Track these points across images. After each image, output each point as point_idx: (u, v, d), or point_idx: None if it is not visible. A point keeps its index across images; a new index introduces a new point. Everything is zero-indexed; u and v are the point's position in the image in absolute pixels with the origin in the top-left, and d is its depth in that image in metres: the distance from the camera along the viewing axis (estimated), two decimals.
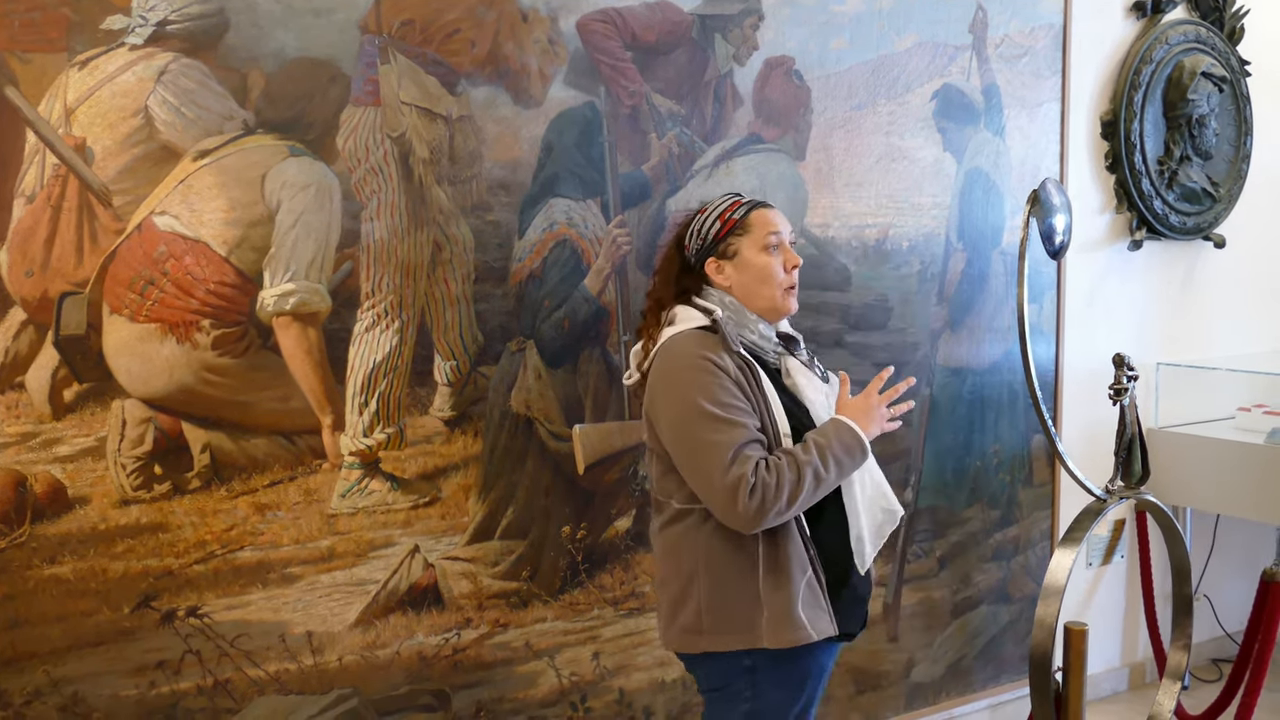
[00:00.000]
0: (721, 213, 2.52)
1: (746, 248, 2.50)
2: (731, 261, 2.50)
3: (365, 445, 2.94)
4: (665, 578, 2.52)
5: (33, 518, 2.58)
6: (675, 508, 2.47)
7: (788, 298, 2.54)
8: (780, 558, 2.38)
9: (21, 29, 2.49)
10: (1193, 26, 4.42)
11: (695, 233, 2.54)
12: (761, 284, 2.50)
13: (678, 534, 2.47)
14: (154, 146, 2.64)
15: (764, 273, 2.50)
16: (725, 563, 2.41)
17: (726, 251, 2.51)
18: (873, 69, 3.65)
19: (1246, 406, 4.47)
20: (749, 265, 2.49)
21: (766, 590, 2.38)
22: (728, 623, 2.41)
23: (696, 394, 2.34)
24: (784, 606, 2.37)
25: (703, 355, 2.37)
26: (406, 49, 2.90)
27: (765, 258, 2.49)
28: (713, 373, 2.36)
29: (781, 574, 2.38)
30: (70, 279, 2.59)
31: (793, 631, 2.37)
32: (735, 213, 2.52)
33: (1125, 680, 4.62)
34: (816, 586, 2.42)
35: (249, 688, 2.83)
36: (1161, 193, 4.38)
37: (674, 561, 2.48)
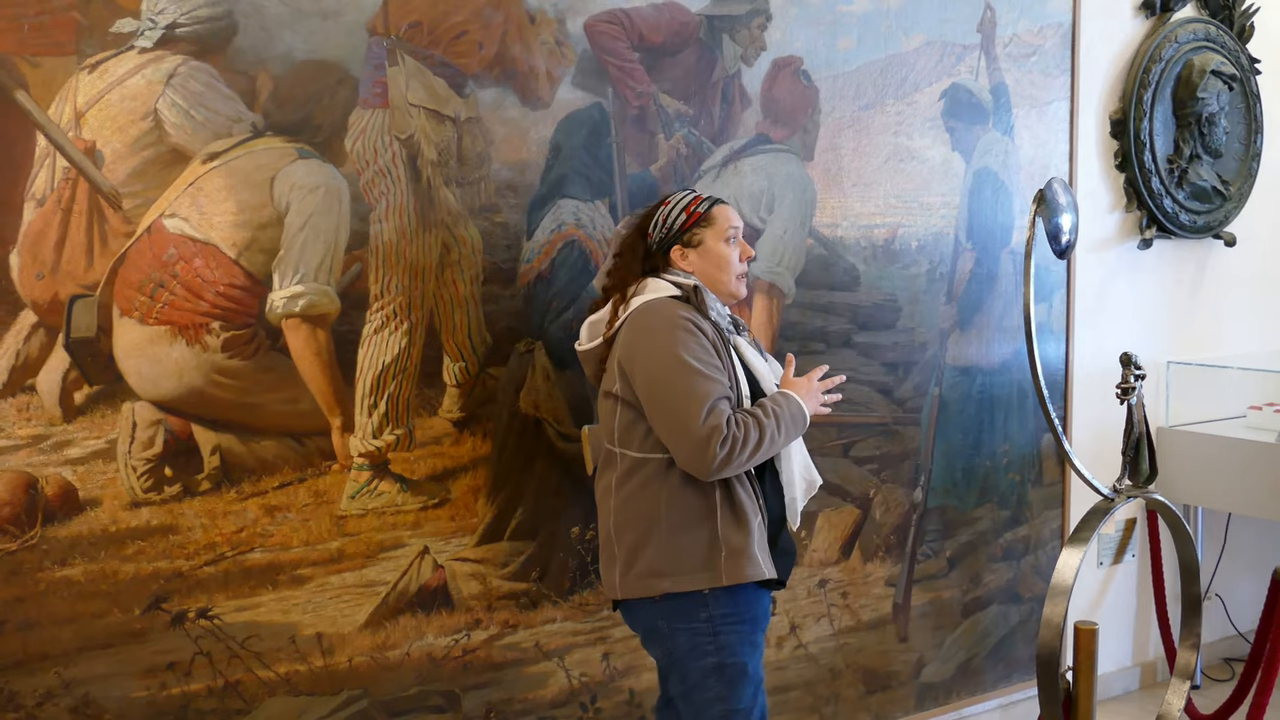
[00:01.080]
0: (686, 205, 2.79)
1: (710, 238, 2.78)
2: (695, 250, 2.79)
3: (374, 447, 2.94)
4: (620, 526, 2.71)
5: (44, 520, 2.59)
6: (632, 457, 2.69)
7: (740, 284, 2.83)
8: (738, 502, 2.65)
9: (31, 33, 2.50)
10: (1202, 24, 4.42)
11: (660, 223, 2.79)
12: (721, 271, 2.79)
13: (637, 484, 2.68)
14: (163, 149, 2.65)
15: (724, 261, 2.79)
16: (685, 508, 2.64)
17: (691, 240, 2.78)
18: (881, 69, 3.65)
19: (1258, 405, 4.46)
20: (711, 254, 2.79)
21: (726, 531, 2.64)
22: (689, 562, 2.63)
23: (678, 347, 2.59)
24: (742, 545, 2.64)
25: (683, 315, 2.64)
26: (414, 51, 2.91)
27: (725, 248, 2.79)
28: (692, 331, 2.62)
29: (741, 517, 2.65)
30: (80, 282, 2.60)
31: (751, 567, 2.64)
32: (699, 206, 2.79)
33: (1137, 680, 4.61)
34: (763, 534, 2.71)
35: (259, 689, 2.84)
36: (1171, 191, 4.37)
37: (632, 510, 2.69)
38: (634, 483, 2.68)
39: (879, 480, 3.80)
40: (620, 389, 2.68)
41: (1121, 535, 4.48)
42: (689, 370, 2.57)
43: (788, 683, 3.67)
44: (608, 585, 2.78)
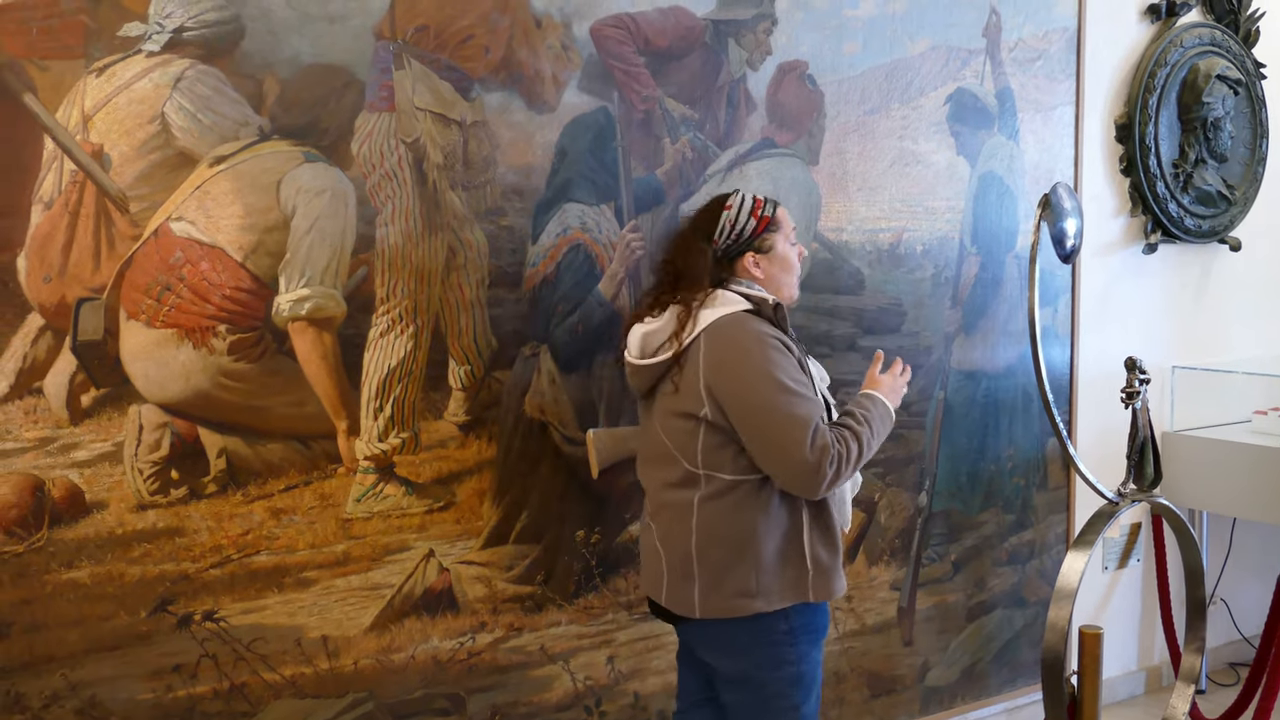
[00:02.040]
0: (753, 210, 2.72)
1: (779, 242, 2.74)
2: (766, 255, 2.73)
3: (380, 450, 2.95)
4: (704, 545, 2.62)
5: (50, 522, 2.59)
6: (725, 479, 2.60)
7: (797, 285, 2.82)
8: (826, 519, 2.64)
9: (39, 36, 2.51)
10: (1208, 29, 4.42)
11: (728, 229, 2.71)
12: (788, 274, 2.77)
13: (728, 505, 2.60)
14: (170, 152, 2.66)
15: (791, 265, 2.77)
16: (778, 527, 2.60)
17: (762, 246, 2.72)
18: (886, 73, 3.65)
19: (1262, 410, 4.46)
20: (780, 258, 2.74)
21: (815, 549, 2.62)
22: (779, 582, 2.60)
23: (773, 368, 2.53)
24: (831, 562, 2.64)
25: (769, 333, 2.59)
26: (421, 55, 2.92)
27: (792, 251, 2.78)
28: (782, 350, 2.57)
29: (829, 533, 2.65)
30: (87, 284, 2.61)
31: (837, 583, 2.66)
32: (766, 210, 2.73)
33: (1142, 684, 4.61)
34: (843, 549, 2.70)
35: (265, 691, 2.84)
36: (1176, 196, 4.37)
37: (721, 530, 2.61)
38: (724, 503, 2.60)
39: (884, 484, 3.80)
40: (709, 412, 2.58)
41: (1126, 540, 4.48)
42: (788, 392, 2.51)
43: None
44: (679, 603, 2.68)
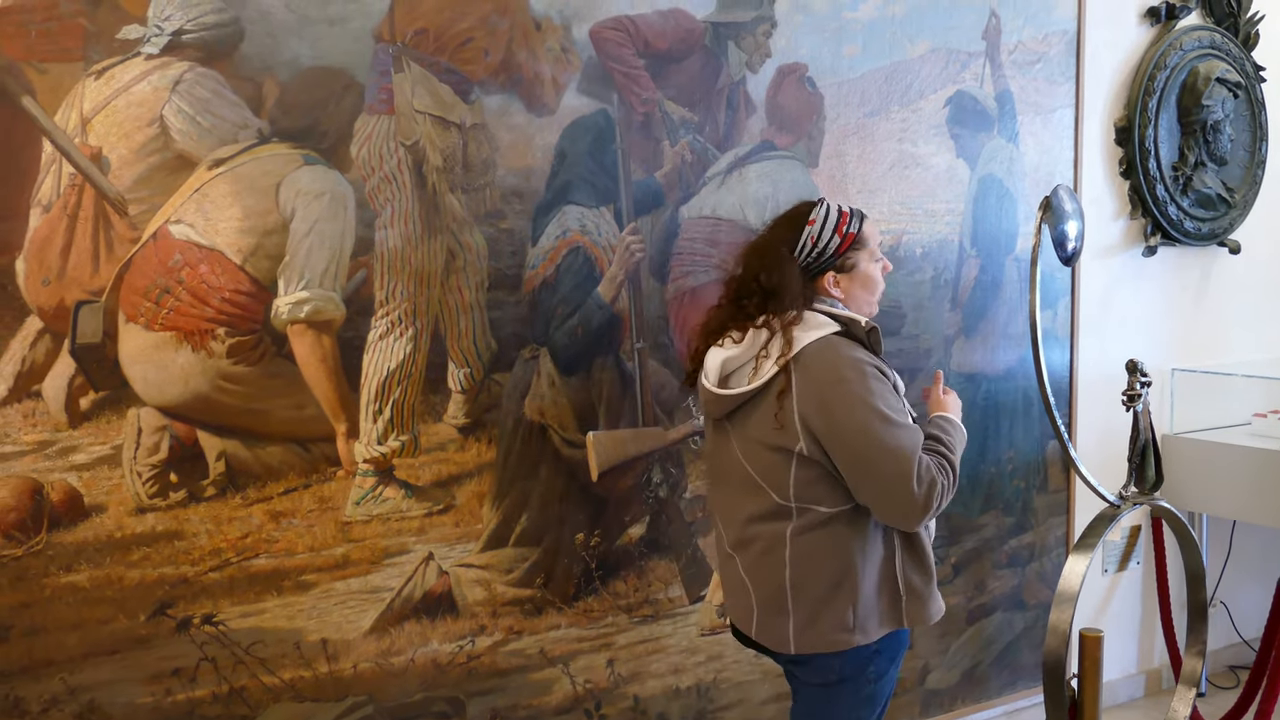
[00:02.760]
0: (837, 226, 2.54)
1: (863, 260, 2.58)
2: (849, 274, 2.57)
3: (379, 452, 2.94)
4: (799, 580, 2.50)
5: (49, 526, 2.59)
6: (822, 513, 2.47)
7: (876, 304, 2.66)
8: (919, 545, 2.53)
9: (38, 39, 2.51)
10: (1207, 32, 4.41)
11: (810, 245, 2.54)
12: (871, 294, 2.61)
13: (823, 537, 2.47)
14: (169, 155, 2.65)
15: (874, 284, 2.61)
16: (875, 557, 2.49)
17: (844, 265, 2.56)
18: (886, 76, 3.65)
19: (1262, 412, 4.46)
20: (864, 277, 2.59)
21: (909, 575, 2.52)
22: (876, 612, 2.50)
23: (872, 397, 2.39)
24: (924, 587, 2.53)
25: (865, 360, 2.44)
26: (420, 57, 2.91)
27: (876, 269, 2.61)
28: (878, 378, 2.43)
29: (922, 556, 2.54)
30: (86, 287, 2.60)
31: (934, 607, 2.55)
32: (851, 226, 2.56)
33: (1142, 687, 4.60)
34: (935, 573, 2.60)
35: (264, 695, 2.84)
36: (1176, 198, 4.37)
37: (818, 564, 2.48)
38: (819, 535, 2.47)
39: None
40: (804, 447, 2.43)
41: (1126, 542, 4.48)
42: (889, 423, 2.37)
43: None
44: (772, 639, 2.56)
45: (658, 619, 3.39)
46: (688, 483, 3.41)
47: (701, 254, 3.36)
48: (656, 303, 3.30)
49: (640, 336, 3.26)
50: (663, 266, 3.30)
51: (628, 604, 3.34)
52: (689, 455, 3.40)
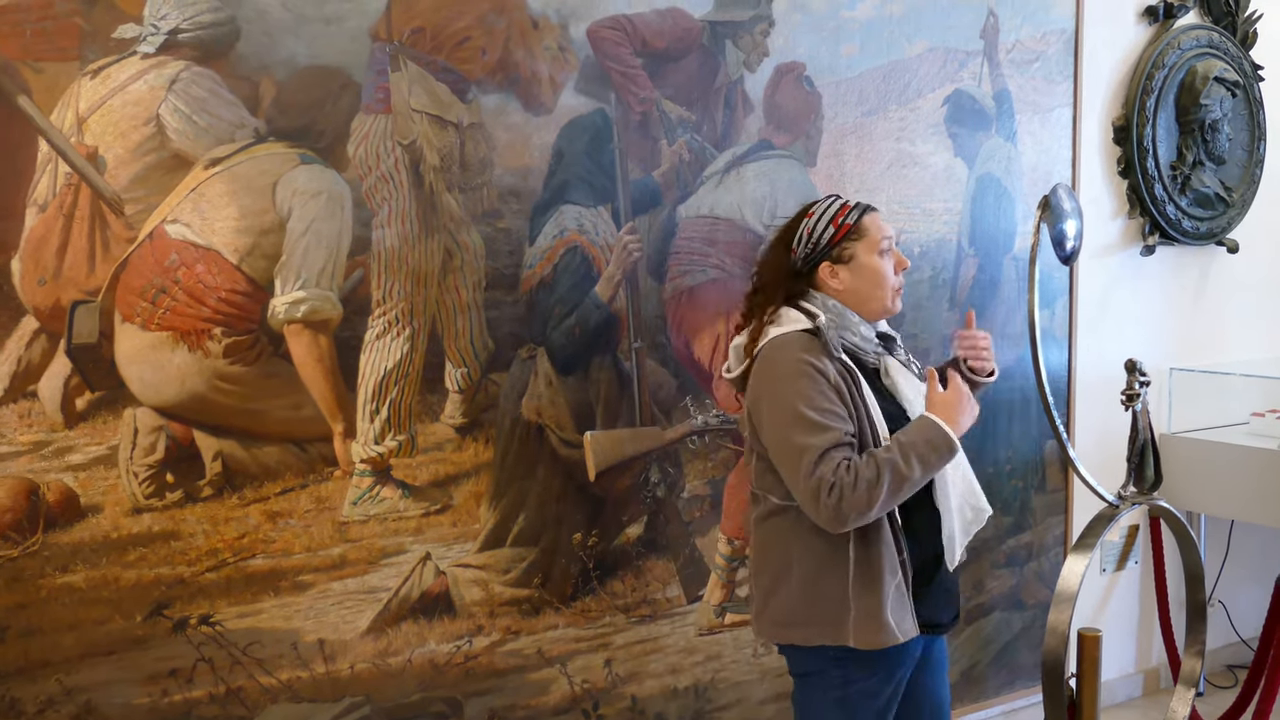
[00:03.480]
0: (834, 217, 2.52)
1: (862, 252, 2.51)
2: (846, 265, 2.52)
3: (376, 452, 2.94)
4: (758, 568, 2.57)
5: (45, 526, 2.58)
6: (774, 503, 2.50)
7: (896, 299, 2.56)
8: (873, 559, 2.41)
9: (34, 38, 2.50)
10: (1205, 31, 4.41)
11: (805, 237, 2.53)
12: (875, 287, 2.52)
13: (772, 528, 2.51)
14: (165, 155, 2.65)
15: (878, 276, 2.52)
16: (817, 561, 2.44)
17: (841, 256, 2.52)
18: (884, 75, 3.65)
19: (1260, 412, 4.46)
20: (865, 270, 2.51)
21: (856, 592, 2.41)
22: (816, 619, 2.45)
23: (795, 398, 2.36)
24: (872, 609, 2.40)
25: (804, 359, 2.39)
26: (417, 56, 2.91)
27: (880, 262, 2.52)
28: (812, 377, 2.38)
29: (872, 577, 2.41)
30: (82, 287, 2.60)
31: (880, 634, 2.40)
32: (848, 217, 2.52)
33: (1140, 686, 4.60)
34: (904, 589, 2.45)
35: (261, 695, 2.83)
36: (1174, 198, 4.36)
37: (767, 554, 2.53)
38: (770, 526, 2.51)
39: None
40: (749, 436, 2.53)
41: (1124, 542, 4.47)
42: (802, 422, 2.34)
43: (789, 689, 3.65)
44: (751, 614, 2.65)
45: (655, 619, 3.39)
46: (685, 482, 3.40)
47: (699, 253, 3.35)
48: (654, 302, 3.29)
49: (638, 336, 3.26)
50: (660, 266, 3.29)
51: (625, 604, 3.33)
52: (687, 455, 3.40)
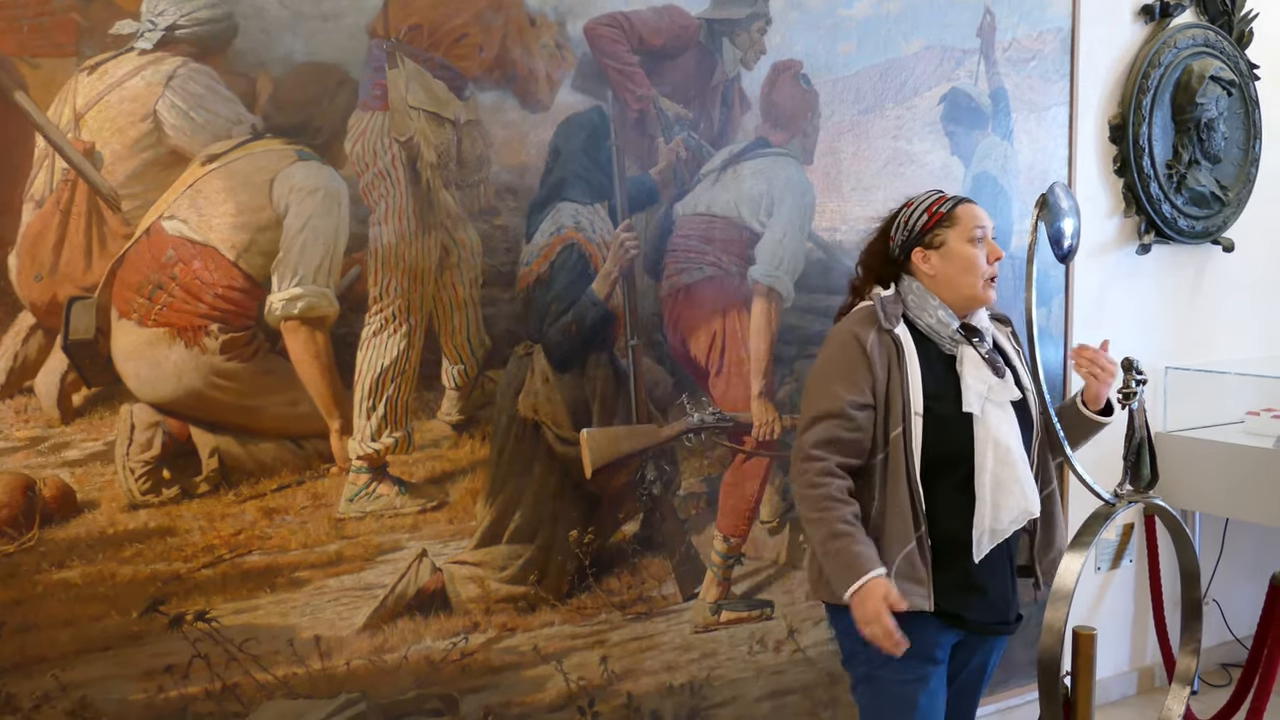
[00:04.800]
0: (929, 206, 2.64)
1: (954, 239, 2.60)
2: (938, 251, 2.61)
3: (373, 449, 2.94)
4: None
5: (41, 522, 2.58)
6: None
7: (988, 289, 2.63)
8: (883, 526, 2.51)
9: (31, 34, 2.50)
10: (1201, 30, 4.42)
11: (902, 225, 2.66)
12: (965, 273, 2.60)
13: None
14: (162, 151, 2.65)
15: (969, 263, 2.60)
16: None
17: (933, 242, 2.61)
18: (880, 73, 3.65)
19: (1255, 411, 4.46)
20: (955, 256, 2.60)
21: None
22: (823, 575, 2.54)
23: (824, 363, 2.59)
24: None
25: (850, 329, 2.57)
26: (414, 53, 2.91)
27: (971, 249, 2.60)
28: (845, 344, 2.55)
29: (884, 542, 2.49)
30: (79, 283, 2.60)
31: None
32: (943, 206, 2.63)
33: (1134, 685, 4.61)
34: (918, 560, 2.50)
35: (257, 692, 2.83)
36: (1170, 196, 4.37)
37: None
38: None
39: None
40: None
41: (1119, 540, 4.48)
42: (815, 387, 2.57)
43: (786, 687, 3.66)
44: None
45: (651, 616, 3.39)
46: (681, 480, 3.41)
47: (696, 251, 3.36)
48: (651, 300, 3.29)
49: (634, 333, 3.26)
50: (657, 263, 3.29)
51: (621, 601, 3.33)
52: (683, 453, 3.40)
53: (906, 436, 2.50)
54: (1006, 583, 2.65)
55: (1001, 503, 2.54)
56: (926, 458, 2.51)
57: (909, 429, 2.51)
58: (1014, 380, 2.64)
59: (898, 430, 2.51)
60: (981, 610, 2.61)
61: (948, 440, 2.53)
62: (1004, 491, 2.54)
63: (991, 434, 2.54)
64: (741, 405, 3.46)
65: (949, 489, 2.54)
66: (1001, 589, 2.64)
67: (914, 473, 2.50)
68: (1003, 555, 2.61)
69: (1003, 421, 2.57)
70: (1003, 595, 2.64)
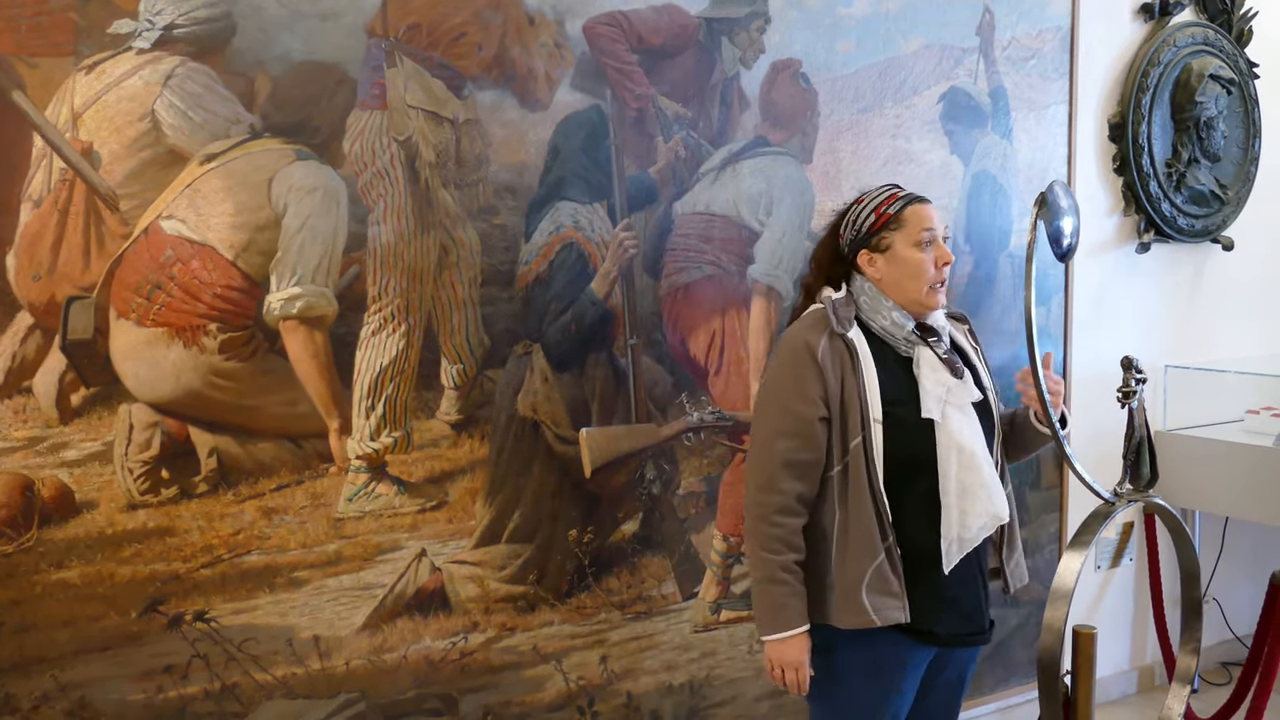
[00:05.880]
0: (877, 206, 2.53)
1: (899, 242, 2.50)
2: (884, 255, 2.51)
3: (372, 449, 2.93)
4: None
5: (40, 522, 2.58)
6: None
7: (933, 294, 2.52)
8: (850, 540, 2.42)
9: (28, 33, 2.49)
10: (1201, 29, 4.41)
11: (850, 223, 2.56)
12: (910, 279, 2.50)
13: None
14: (161, 150, 2.64)
15: (914, 268, 2.49)
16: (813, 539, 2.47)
17: (879, 245, 2.51)
18: (880, 72, 3.65)
19: (1255, 409, 4.46)
20: (900, 260, 2.50)
21: (837, 569, 2.43)
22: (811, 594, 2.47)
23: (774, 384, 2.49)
24: (852, 585, 2.41)
25: (802, 337, 2.48)
26: (413, 52, 2.90)
27: (917, 254, 2.49)
28: (796, 356, 2.46)
29: (850, 556, 2.42)
30: (77, 283, 2.59)
31: (855, 615, 2.41)
32: (891, 207, 2.52)
33: (1134, 683, 4.61)
34: (890, 573, 2.42)
35: (256, 692, 2.83)
36: (1169, 195, 4.37)
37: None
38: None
39: None
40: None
41: (1119, 539, 4.48)
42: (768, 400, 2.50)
43: None
44: None
45: (651, 616, 3.39)
46: (681, 479, 3.40)
47: (695, 250, 3.35)
48: (650, 299, 3.29)
49: (634, 333, 3.26)
50: (656, 263, 3.29)
51: (621, 601, 3.33)
52: (682, 452, 3.40)
53: (867, 445, 2.42)
54: (979, 592, 2.57)
55: (969, 509, 2.46)
56: (889, 466, 2.43)
57: (869, 437, 2.42)
58: (975, 381, 2.58)
59: (857, 439, 2.42)
60: (954, 623, 2.53)
61: (910, 447, 2.44)
62: (971, 498, 2.45)
63: (954, 439, 2.45)
64: (741, 404, 3.46)
65: (914, 498, 2.45)
66: (974, 599, 2.56)
67: (877, 482, 2.41)
68: (973, 564, 2.53)
69: (964, 425, 2.48)
70: (975, 605, 2.57)
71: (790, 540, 2.43)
